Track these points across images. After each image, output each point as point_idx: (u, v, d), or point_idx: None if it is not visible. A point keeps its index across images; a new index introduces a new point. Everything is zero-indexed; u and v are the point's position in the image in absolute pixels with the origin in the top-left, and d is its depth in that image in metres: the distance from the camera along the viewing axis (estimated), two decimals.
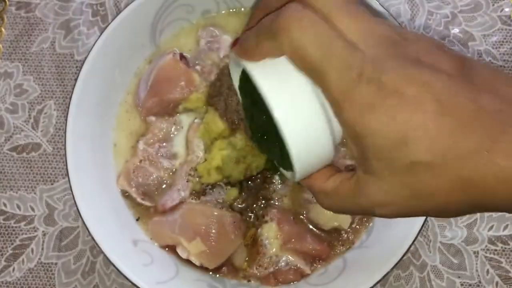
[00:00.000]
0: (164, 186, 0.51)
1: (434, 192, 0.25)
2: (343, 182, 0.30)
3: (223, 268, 0.50)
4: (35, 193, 0.55)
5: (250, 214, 0.51)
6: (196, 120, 0.51)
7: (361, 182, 0.28)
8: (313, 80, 0.27)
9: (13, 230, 0.54)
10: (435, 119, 0.24)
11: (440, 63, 0.25)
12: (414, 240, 0.45)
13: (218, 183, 0.50)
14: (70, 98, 0.48)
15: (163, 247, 0.50)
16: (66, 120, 0.47)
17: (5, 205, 0.55)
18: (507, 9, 0.57)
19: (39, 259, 0.53)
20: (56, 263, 0.53)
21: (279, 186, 0.51)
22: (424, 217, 0.45)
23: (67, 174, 0.47)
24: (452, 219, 0.53)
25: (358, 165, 0.28)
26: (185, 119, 0.52)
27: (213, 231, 0.48)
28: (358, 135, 0.26)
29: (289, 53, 0.27)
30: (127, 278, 0.45)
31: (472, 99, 0.24)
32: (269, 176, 0.51)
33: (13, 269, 0.53)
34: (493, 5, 0.57)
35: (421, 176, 0.25)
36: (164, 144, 0.51)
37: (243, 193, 0.50)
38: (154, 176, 0.51)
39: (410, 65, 0.25)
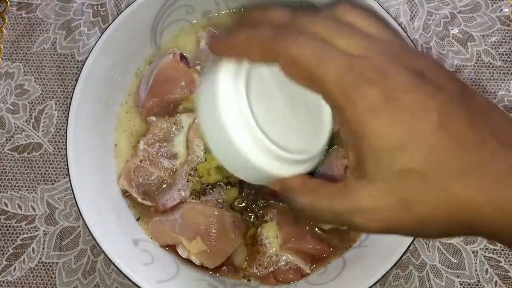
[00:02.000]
0: (164, 185, 0.51)
1: (421, 203, 0.25)
2: (327, 183, 0.29)
3: (223, 268, 0.50)
4: (36, 193, 0.55)
5: (250, 214, 0.51)
6: (196, 120, 0.51)
7: (348, 185, 0.27)
8: (311, 88, 0.27)
9: (14, 230, 0.54)
10: (435, 131, 0.24)
11: (443, 82, 0.26)
12: (413, 240, 0.45)
13: (218, 183, 0.50)
14: (71, 98, 0.48)
15: (164, 246, 0.50)
16: (67, 120, 0.48)
17: (6, 204, 0.55)
18: (506, 10, 0.57)
19: (40, 258, 0.54)
20: (57, 263, 0.53)
21: None
22: None
23: (68, 174, 0.47)
24: None
25: (351, 172, 0.28)
26: (186, 119, 0.52)
27: (213, 230, 0.48)
28: (358, 135, 0.26)
29: (284, 65, 0.27)
30: (127, 278, 0.45)
31: (470, 122, 0.25)
32: None
33: (14, 269, 0.54)
34: (492, 5, 0.58)
35: (412, 184, 0.25)
36: (164, 144, 0.51)
37: (243, 193, 0.50)
38: (155, 176, 0.51)
39: (414, 76, 0.25)
